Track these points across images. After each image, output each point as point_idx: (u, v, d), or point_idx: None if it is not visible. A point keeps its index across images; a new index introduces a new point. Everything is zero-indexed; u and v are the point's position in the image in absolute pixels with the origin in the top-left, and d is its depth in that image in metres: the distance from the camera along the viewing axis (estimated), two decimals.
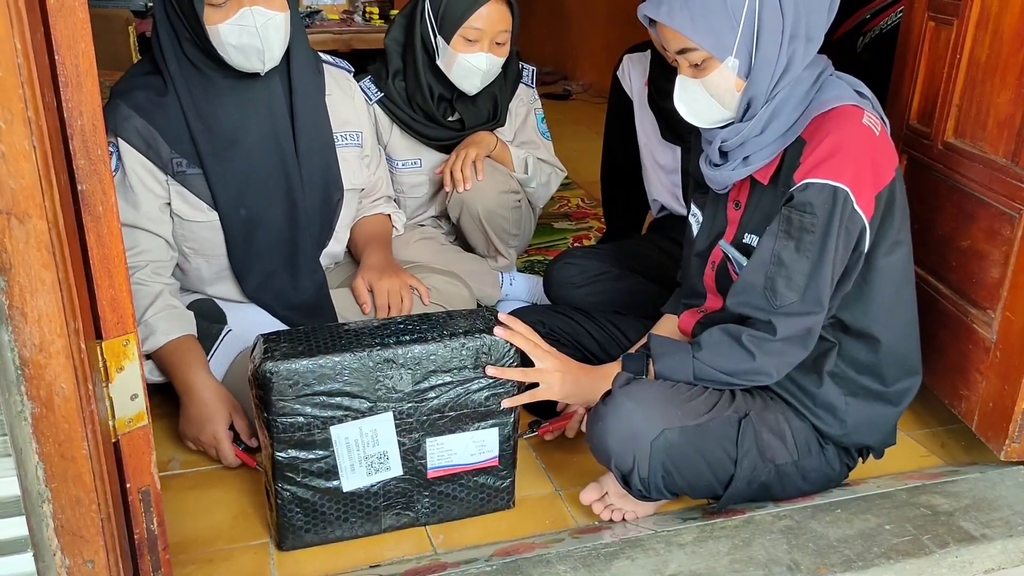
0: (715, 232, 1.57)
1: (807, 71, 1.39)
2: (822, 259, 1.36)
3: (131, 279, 1.68)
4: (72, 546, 1.04)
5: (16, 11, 0.86)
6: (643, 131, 2.20)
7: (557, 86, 5.75)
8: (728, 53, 1.36)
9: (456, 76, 2.16)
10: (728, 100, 1.41)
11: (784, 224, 1.37)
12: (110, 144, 1.70)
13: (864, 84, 1.46)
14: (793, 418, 1.51)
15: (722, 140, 1.45)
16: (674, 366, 1.45)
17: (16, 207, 0.91)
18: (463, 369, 1.44)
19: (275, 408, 1.37)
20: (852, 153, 1.33)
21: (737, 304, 1.42)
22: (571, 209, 3.34)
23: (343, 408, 1.40)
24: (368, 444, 1.44)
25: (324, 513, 1.47)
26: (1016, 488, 1.59)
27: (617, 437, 1.40)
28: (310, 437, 1.41)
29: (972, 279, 1.71)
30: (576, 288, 2.06)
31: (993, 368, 1.65)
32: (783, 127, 1.40)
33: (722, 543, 1.42)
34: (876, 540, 1.43)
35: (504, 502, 1.59)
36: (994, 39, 1.64)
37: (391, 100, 2.23)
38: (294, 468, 1.42)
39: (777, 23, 1.34)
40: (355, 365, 1.38)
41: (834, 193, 1.33)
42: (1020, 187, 1.58)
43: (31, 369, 0.96)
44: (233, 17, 1.63)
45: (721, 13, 1.33)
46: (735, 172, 1.46)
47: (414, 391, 1.43)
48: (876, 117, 1.39)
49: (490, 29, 2.10)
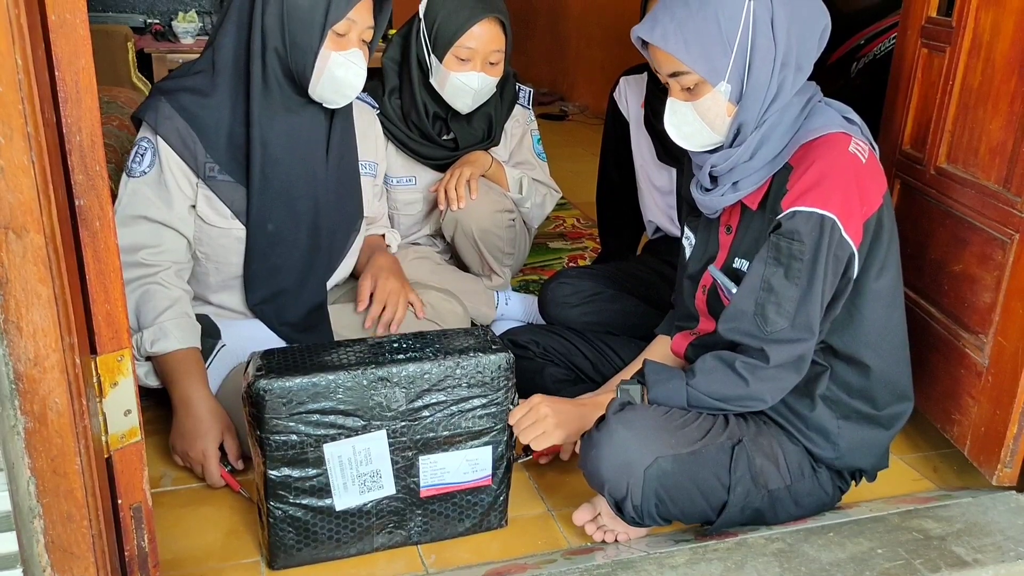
0: (707, 256, 1.58)
1: (796, 97, 1.41)
2: (811, 286, 1.36)
3: (152, 278, 1.71)
4: (62, 562, 1.03)
5: (17, 28, 0.87)
6: (639, 152, 2.21)
7: (554, 107, 5.78)
8: (721, 78, 1.37)
9: (449, 95, 2.18)
10: (718, 125, 1.42)
11: (773, 251, 1.38)
12: (147, 140, 1.73)
13: (854, 110, 1.47)
14: (786, 442, 1.51)
15: (712, 165, 1.46)
16: (668, 393, 1.46)
17: (14, 221, 0.91)
18: (457, 388, 1.44)
19: (268, 426, 1.37)
20: (839, 181, 1.35)
21: (728, 330, 1.43)
22: (566, 229, 3.35)
23: (336, 426, 1.40)
24: (361, 462, 1.44)
25: (316, 532, 1.46)
26: (1008, 513, 1.59)
27: (611, 465, 1.39)
28: (303, 455, 1.40)
29: (964, 304, 1.72)
30: (570, 308, 2.06)
31: (985, 393, 1.66)
32: (772, 153, 1.41)
33: (714, 566, 1.42)
34: (868, 564, 1.43)
35: (497, 521, 1.58)
36: (986, 66, 1.66)
37: (386, 118, 2.24)
38: (286, 487, 1.42)
39: (769, 51, 1.35)
40: (349, 383, 1.38)
41: (821, 221, 1.34)
42: (1012, 213, 1.59)
43: (25, 383, 0.96)
44: (347, 52, 1.70)
45: (715, 38, 1.35)
46: (724, 197, 1.47)
47: (408, 409, 1.43)
48: (864, 143, 1.40)
49: (482, 49, 2.11)
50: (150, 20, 4.05)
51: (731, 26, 1.34)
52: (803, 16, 1.38)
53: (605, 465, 1.40)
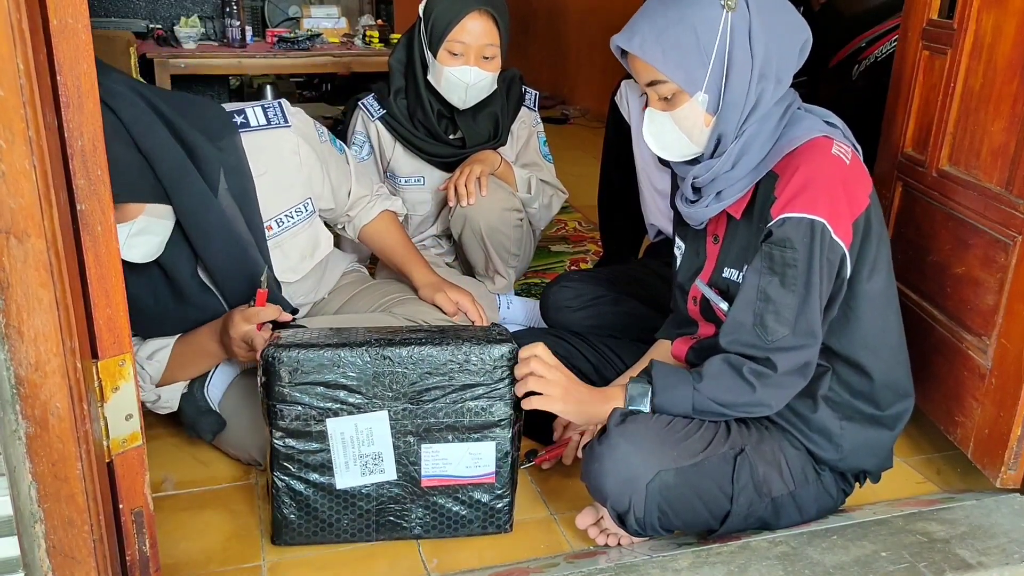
0: (696, 266, 1.59)
1: (775, 107, 1.41)
2: (808, 292, 1.37)
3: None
4: (64, 567, 1.03)
5: (19, 32, 0.87)
6: (640, 156, 2.21)
7: (555, 110, 5.79)
8: (698, 88, 1.38)
9: (444, 89, 2.21)
10: (696, 135, 1.43)
11: (766, 260, 1.38)
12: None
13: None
14: (788, 447, 1.51)
15: (694, 177, 1.47)
16: (675, 400, 1.45)
17: (15, 226, 0.91)
18: (459, 374, 1.46)
19: (274, 393, 1.44)
20: (824, 184, 1.35)
21: (730, 343, 1.42)
22: (568, 232, 3.35)
23: (339, 401, 1.45)
24: (363, 443, 1.47)
25: (316, 509, 1.50)
26: (1012, 515, 1.59)
27: (613, 479, 1.39)
28: (307, 427, 1.46)
29: (967, 306, 1.71)
30: (572, 312, 2.06)
31: (988, 395, 1.66)
32: (753, 162, 1.42)
33: (718, 569, 1.42)
34: (872, 567, 1.43)
35: (502, 524, 1.58)
36: (988, 68, 1.66)
37: (393, 117, 2.28)
38: (290, 458, 1.47)
39: (746, 62, 1.36)
40: (353, 359, 1.43)
41: (811, 226, 1.34)
42: (1014, 215, 1.59)
43: (26, 388, 0.96)
44: None
45: (692, 48, 1.36)
46: (709, 208, 1.47)
47: (410, 392, 1.46)
48: (846, 145, 1.41)
49: (474, 43, 2.14)
50: (152, 25, 4.04)
51: (708, 36, 1.35)
52: (781, 30, 1.38)
53: (608, 479, 1.40)
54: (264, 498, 1.64)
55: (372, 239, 2.08)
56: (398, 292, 2.03)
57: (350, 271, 2.12)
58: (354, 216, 2.04)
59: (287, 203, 1.76)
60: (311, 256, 1.85)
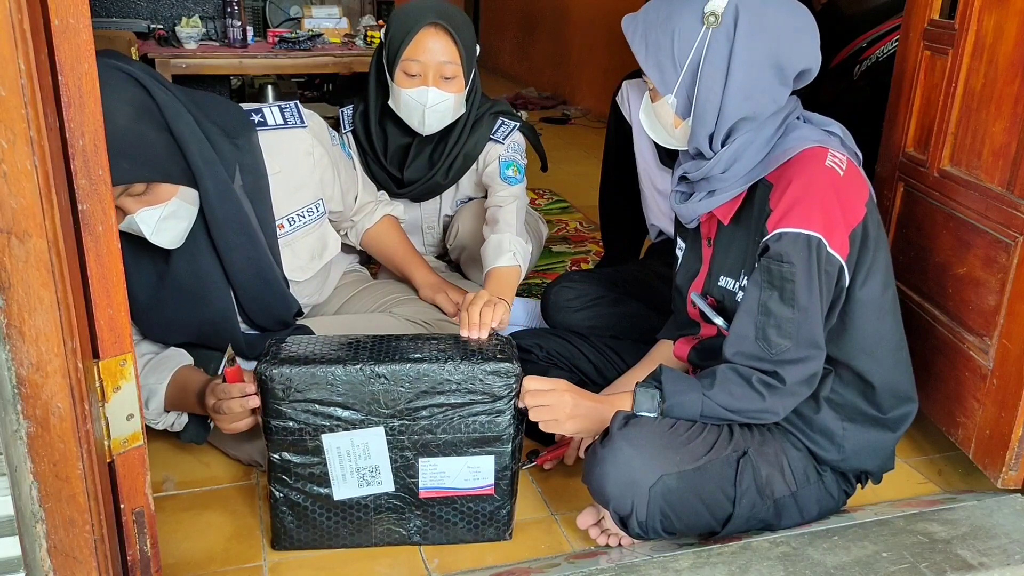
0: (693, 270, 1.60)
1: (772, 117, 1.42)
2: (808, 305, 1.37)
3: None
4: (65, 567, 1.03)
5: (20, 32, 0.87)
6: (641, 156, 2.21)
7: (556, 111, 5.79)
8: (668, 91, 1.42)
9: (404, 114, 2.07)
10: (673, 131, 1.48)
11: (765, 275, 1.39)
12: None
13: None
14: (790, 448, 1.51)
15: (684, 171, 1.49)
16: (684, 406, 1.44)
17: (16, 226, 0.91)
18: (456, 392, 1.44)
19: (269, 409, 1.43)
20: (818, 197, 1.35)
21: (735, 355, 1.42)
22: (569, 232, 3.35)
23: (334, 418, 1.43)
24: (360, 456, 1.46)
25: (314, 519, 1.50)
26: (1013, 516, 1.59)
27: (615, 483, 1.39)
28: (302, 442, 1.44)
29: (968, 306, 1.71)
30: (574, 312, 2.06)
31: (990, 395, 1.65)
32: (746, 168, 1.43)
33: (719, 569, 1.42)
34: (873, 568, 1.43)
35: (500, 532, 1.56)
36: (989, 68, 1.66)
37: (356, 137, 2.19)
38: (288, 471, 1.46)
39: (718, 81, 1.37)
40: (346, 377, 1.41)
41: (807, 242, 1.34)
42: (1015, 215, 1.59)
43: (28, 388, 0.96)
44: None
45: (667, 53, 1.39)
46: (701, 204, 1.48)
47: (406, 409, 1.44)
48: (842, 155, 1.40)
49: (431, 61, 1.99)
50: (154, 25, 4.04)
51: (683, 47, 1.38)
52: (776, 59, 1.37)
53: (610, 483, 1.39)
54: (265, 499, 1.64)
55: (374, 243, 2.08)
56: (398, 292, 2.03)
57: (350, 271, 2.13)
58: (358, 221, 2.05)
59: (299, 203, 1.76)
60: (320, 256, 1.85)
